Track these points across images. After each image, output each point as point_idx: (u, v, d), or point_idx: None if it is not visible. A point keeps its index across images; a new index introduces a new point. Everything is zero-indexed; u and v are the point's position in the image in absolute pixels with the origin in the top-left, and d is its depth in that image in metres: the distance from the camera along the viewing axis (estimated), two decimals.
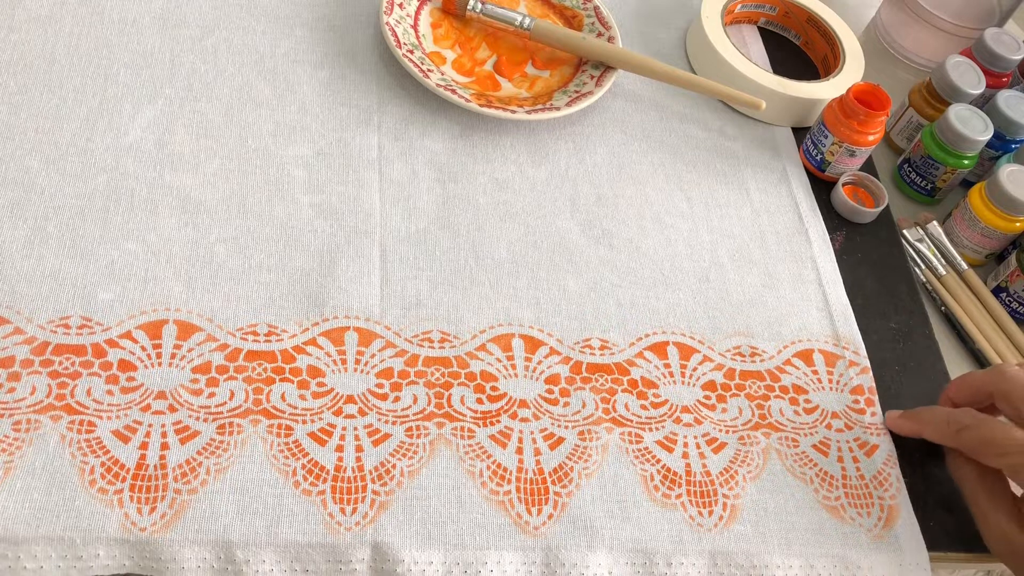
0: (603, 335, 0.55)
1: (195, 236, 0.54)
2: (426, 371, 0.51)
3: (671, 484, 0.50)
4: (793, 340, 0.58)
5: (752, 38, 0.79)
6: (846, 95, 0.65)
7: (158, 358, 0.49)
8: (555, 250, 0.59)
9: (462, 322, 0.54)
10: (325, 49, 0.66)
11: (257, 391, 0.49)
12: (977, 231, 0.66)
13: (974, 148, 0.67)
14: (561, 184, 0.63)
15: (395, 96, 0.65)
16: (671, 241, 0.61)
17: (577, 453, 0.50)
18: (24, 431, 0.45)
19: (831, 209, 0.67)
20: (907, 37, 0.84)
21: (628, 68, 0.68)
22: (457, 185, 0.61)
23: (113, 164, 0.56)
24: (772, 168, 0.68)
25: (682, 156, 0.67)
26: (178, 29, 0.64)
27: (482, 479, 0.48)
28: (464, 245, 0.58)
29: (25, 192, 0.54)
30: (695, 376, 0.55)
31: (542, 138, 0.65)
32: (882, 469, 0.53)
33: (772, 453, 0.53)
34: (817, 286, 0.61)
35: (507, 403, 0.51)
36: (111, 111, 0.59)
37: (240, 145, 0.59)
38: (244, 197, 0.57)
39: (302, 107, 0.62)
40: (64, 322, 0.49)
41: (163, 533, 0.43)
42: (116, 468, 0.45)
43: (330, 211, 0.57)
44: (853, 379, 0.57)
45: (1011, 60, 0.72)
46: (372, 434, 0.48)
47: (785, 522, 0.50)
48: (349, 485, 0.46)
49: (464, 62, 0.68)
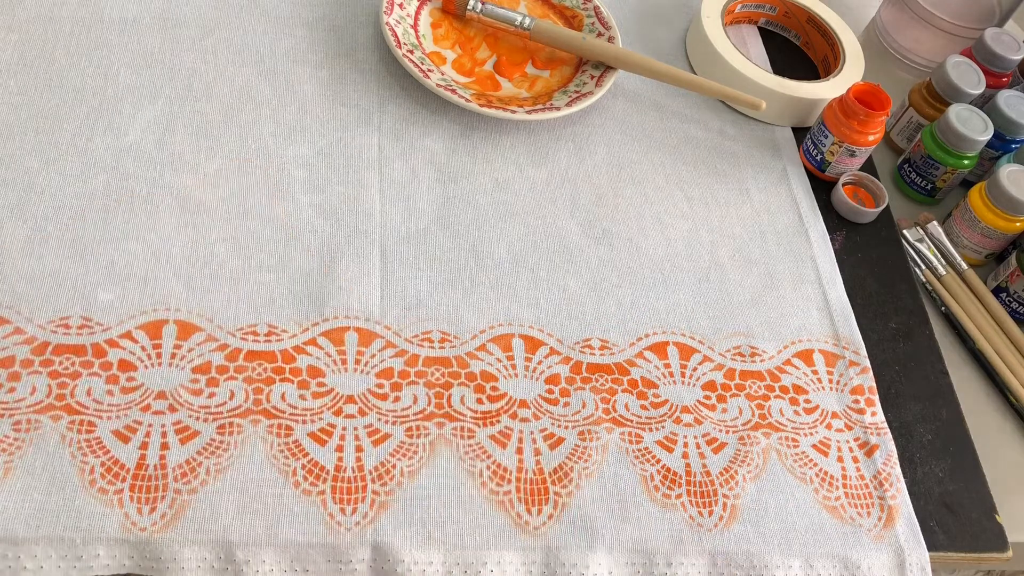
0: (603, 335, 0.55)
1: (195, 236, 0.54)
2: (426, 371, 0.51)
3: (671, 484, 0.50)
4: (793, 340, 0.58)
5: (752, 38, 0.79)
6: (846, 95, 0.65)
7: (158, 358, 0.49)
8: (555, 250, 0.59)
9: (462, 322, 0.54)
10: (325, 49, 0.66)
11: (257, 391, 0.49)
12: (977, 231, 0.66)
13: (974, 148, 0.67)
14: (561, 184, 0.63)
15: (395, 96, 0.65)
16: (671, 241, 0.61)
17: (577, 453, 0.50)
18: (24, 431, 0.45)
19: (831, 209, 0.67)
20: (907, 37, 0.84)
21: (628, 68, 0.68)
22: (457, 185, 0.61)
23: (113, 164, 0.56)
24: (772, 168, 0.68)
25: (682, 156, 0.67)
26: (178, 29, 0.64)
27: (482, 479, 0.48)
28: (464, 245, 0.58)
29: (25, 192, 0.54)
30: (695, 376, 0.55)
31: (542, 138, 0.65)
32: (882, 469, 0.53)
33: (772, 453, 0.53)
34: (817, 286, 0.61)
35: (507, 403, 0.51)
36: (111, 111, 0.59)
37: (240, 145, 0.59)
38: (244, 197, 0.57)
39: (302, 107, 0.62)
40: (64, 322, 0.49)
41: (163, 533, 0.43)
42: (116, 468, 0.45)
43: (330, 211, 0.57)
44: (853, 379, 0.57)
45: (1011, 60, 0.72)
46: (372, 434, 0.48)
47: (785, 522, 0.50)
48: (349, 485, 0.46)
49: (464, 62, 0.68)
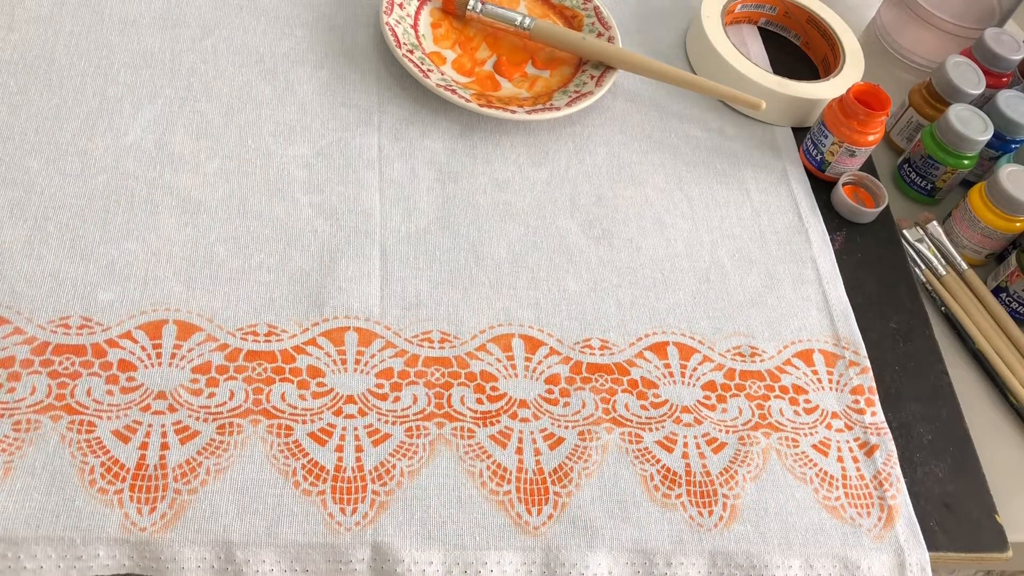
0: (603, 335, 0.55)
1: (195, 236, 0.54)
2: (426, 371, 0.51)
3: (671, 484, 0.50)
4: (793, 340, 0.58)
5: (752, 38, 0.79)
6: (846, 95, 0.65)
7: (158, 358, 0.49)
8: (555, 250, 0.59)
9: (462, 322, 0.54)
10: (325, 49, 0.66)
11: (257, 391, 0.49)
12: (977, 231, 0.66)
13: (974, 148, 0.67)
14: (561, 184, 0.63)
15: (395, 96, 0.65)
16: (671, 241, 0.61)
17: (577, 453, 0.50)
18: (24, 431, 0.45)
19: (831, 209, 0.67)
20: (907, 37, 0.84)
21: (628, 68, 0.68)
22: (457, 185, 0.61)
23: (113, 164, 0.56)
24: (772, 168, 0.68)
25: (682, 156, 0.67)
26: (178, 29, 0.64)
27: (482, 479, 0.48)
28: (464, 245, 0.58)
29: (25, 192, 0.54)
30: (695, 376, 0.55)
31: (542, 138, 0.65)
32: (882, 469, 0.53)
33: (772, 453, 0.53)
34: (817, 286, 0.61)
35: (507, 403, 0.51)
36: (111, 111, 0.59)
37: (240, 145, 0.59)
38: (244, 197, 0.57)
39: (302, 107, 0.62)
40: (64, 322, 0.49)
41: (163, 533, 0.43)
42: (116, 468, 0.45)
43: (330, 211, 0.57)
44: (853, 379, 0.57)
45: (1011, 60, 0.72)
46: (372, 434, 0.48)
47: (785, 522, 0.50)
48: (349, 485, 0.46)
49: (464, 62, 0.68)
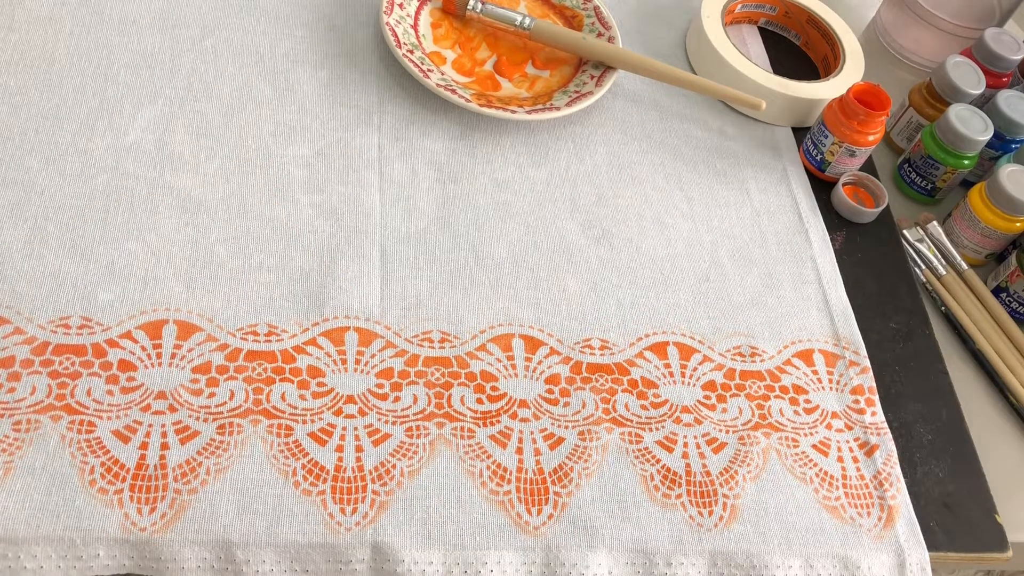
0: (603, 335, 0.55)
1: (195, 236, 0.54)
2: (426, 371, 0.51)
3: (671, 484, 0.50)
4: (793, 340, 0.58)
5: (752, 38, 0.79)
6: (846, 95, 0.65)
7: (158, 358, 0.49)
8: (555, 250, 0.59)
9: (462, 322, 0.54)
10: (325, 49, 0.66)
11: (257, 391, 0.49)
12: (977, 231, 0.66)
13: (974, 148, 0.67)
14: (561, 184, 0.63)
15: (395, 96, 0.65)
16: (671, 241, 0.61)
17: (577, 453, 0.50)
18: (24, 431, 0.45)
19: (831, 209, 0.67)
20: (907, 37, 0.84)
21: (628, 68, 0.68)
22: (457, 185, 0.61)
23: (113, 164, 0.56)
24: (772, 168, 0.68)
25: (682, 156, 0.67)
26: (178, 29, 0.64)
27: (482, 479, 0.48)
28: (464, 245, 0.58)
29: (25, 192, 0.54)
30: (695, 376, 0.55)
31: (542, 138, 0.65)
32: (882, 469, 0.53)
33: (772, 453, 0.53)
34: (817, 286, 0.61)
35: (507, 403, 0.51)
36: (111, 111, 0.59)
37: (240, 145, 0.59)
38: (244, 197, 0.57)
39: (302, 107, 0.62)
40: (64, 322, 0.49)
41: (163, 533, 0.43)
42: (116, 468, 0.45)
43: (330, 211, 0.57)
44: (853, 379, 0.57)
45: (1011, 60, 0.72)
46: (372, 434, 0.48)
47: (785, 522, 0.50)
48: (349, 485, 0.46)
49: (464, 62, 0.68)
